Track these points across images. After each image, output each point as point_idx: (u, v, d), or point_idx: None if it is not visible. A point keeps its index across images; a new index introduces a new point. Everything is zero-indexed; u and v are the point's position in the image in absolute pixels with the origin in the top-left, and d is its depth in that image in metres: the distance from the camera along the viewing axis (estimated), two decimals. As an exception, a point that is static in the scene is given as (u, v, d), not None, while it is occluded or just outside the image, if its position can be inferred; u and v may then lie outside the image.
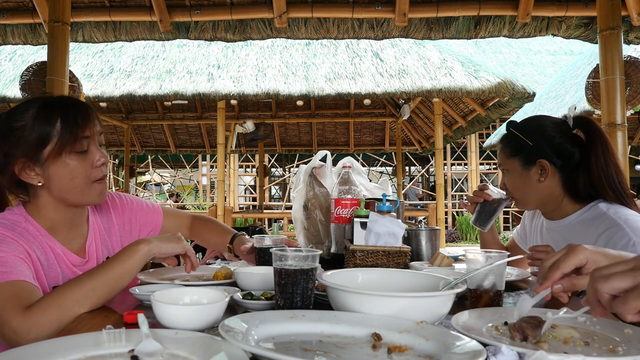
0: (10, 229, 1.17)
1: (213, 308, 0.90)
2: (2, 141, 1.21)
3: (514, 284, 1.43)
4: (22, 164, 1.20)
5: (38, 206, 1.25)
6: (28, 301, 1.02)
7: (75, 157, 1.22)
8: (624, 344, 0.82)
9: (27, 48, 7.14)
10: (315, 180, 1.92)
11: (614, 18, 2.95)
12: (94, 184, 1.26)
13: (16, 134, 1.20)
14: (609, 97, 2.92)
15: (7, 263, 1.07)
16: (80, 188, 1.23)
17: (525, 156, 1.59)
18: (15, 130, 1.20)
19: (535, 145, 1.56)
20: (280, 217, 9.02)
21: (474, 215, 1.72)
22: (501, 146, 1.68)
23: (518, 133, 1.60)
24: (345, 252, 1.55)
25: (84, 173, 1.23)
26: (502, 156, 1.67)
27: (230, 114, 8.48)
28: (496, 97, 6.07)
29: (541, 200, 1.61)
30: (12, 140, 1.20)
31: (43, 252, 1.22)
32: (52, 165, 1.20)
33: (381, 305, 0.87)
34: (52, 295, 1.04)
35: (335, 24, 3.47)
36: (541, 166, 1.56)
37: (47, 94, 2.95)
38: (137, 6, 3.46)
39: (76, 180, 1.22)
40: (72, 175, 1.21)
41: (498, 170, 13.66)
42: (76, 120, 1.21)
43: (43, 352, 0.73)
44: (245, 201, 16.18)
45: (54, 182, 1.21)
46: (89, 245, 1.35)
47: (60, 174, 1.21)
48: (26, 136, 1.19)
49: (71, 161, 1.21)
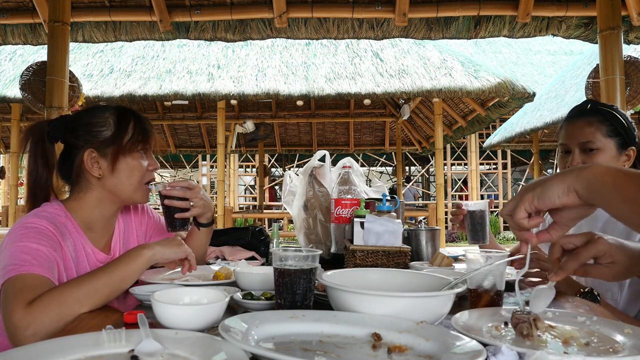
0: (52, 222, 1.25)
1: (213, 308, 0.90)
2: (71, 134, 1.37)
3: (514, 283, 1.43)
4: (90, 154, 1.34)
5: (82, 202, 1.37)
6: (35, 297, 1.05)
7: (138, 157, 1.38)
8: (624, 344, 0.82)
9: (27, 48, 7.14)
10: (315, 180, 1.92)
11: (614, 18, 2.95)
12: (144, 186, 1.41)
13: (90, 128, 1.36)
14: (609, 97, 2.92)
15: (38, 257, 1.14)
16: (134, 186, 1.38)
17: (622, 140, 1.59)
18: (91, 124, 1.36)
19: (630, 132, 1.59)
20: (280, 217, 9.03)
21: (468, 233, 1.71)
22: (595, 122, 1.60)
23: (619, 115, 1.60)
24: (345, 252, 1.55)
25: (141, 173, 1.38)
26: (596, 134, 1.58)
27: (230, 114, 8.49)
28: (496, 97, 6.07)
29: None
30: (83, 133, 1.35)
31: (75, 248, 1.31)
32: (117, 161, 1.35)
33: (381, 305, 0.87)
34: (54, 293, 1.06)
35: (335, 24, 3.47)
36: (628, 154, 1.59)
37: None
38: (137, 6, 3.46)
39: (133, 178, 1.37)
40: (131, 173, 1.37)
41: (498, 170, 13.66)
42: (145, 128, 1.41)
43: (43, 352, 0.73)
44: (245, 201, 16.18)
45: (114, 175, 1.35)
46: (114, 243, 1.45)
47: (123, 169, 1.36)
48: (102, 131, 1.35)
49: (133, 160, 1.37)
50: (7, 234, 1.22)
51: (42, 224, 1.23)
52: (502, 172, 13.68)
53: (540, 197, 0.85)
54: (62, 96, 3.09)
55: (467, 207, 1.67)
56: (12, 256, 1.13)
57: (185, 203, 1.42)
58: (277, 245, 1.92)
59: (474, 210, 1.66)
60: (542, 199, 0.84)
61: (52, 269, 1.16)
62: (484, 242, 1.70)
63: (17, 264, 1.11)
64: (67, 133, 1.38)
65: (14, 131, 7.69)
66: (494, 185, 14.22)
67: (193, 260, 1.31)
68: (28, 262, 1.12)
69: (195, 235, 1.59)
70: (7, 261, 1.12)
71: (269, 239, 2.05)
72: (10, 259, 1.12)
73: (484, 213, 1.66)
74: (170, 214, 1.43)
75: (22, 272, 1.10)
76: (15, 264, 1.11)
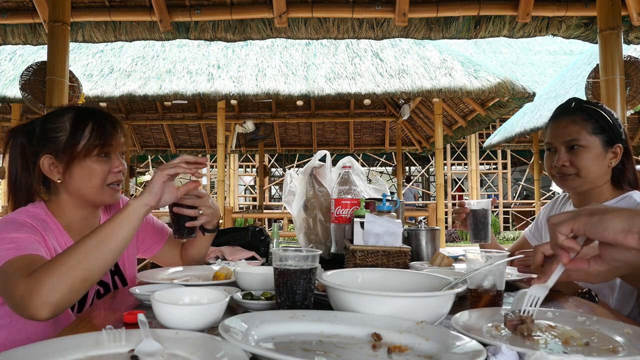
0: (33, 218, 1.28)
1: (213, 308, 0.90)
2: (35, 141, 1.37)
3: (514, 284, 1.43)
4: (47, 160, 1.34)
5: (57, 204, 1.38)
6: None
7: (97, 161, 1.36)
8: (624, 344, 0.82)
9: (27, 48, 7.14)
10: (315, 180, 1.92)
11: (614, 18, 2.95)
12: (107, 187, 1.39)
13: (48, 134, 1.36)
14: (609, 97, 2.92)
15: (20, 242, 1.15)
16: (95, 189, 1.37)
17: (607, 137, 1.59)
18: (49, 130, 1.36)
19: (616, 129, 1.59)
20: (280, 217, 9.03)
21: (470, 232, 1.71)
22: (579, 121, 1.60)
23: (604, 112, 1.60)
24: (345, 252, 1.55)
25: (101, 176, 1.37)
26: (581, 132, 1.59)
27: (230, 114, 8.48)
28: (496, 97, 6.07)
29: (596, 183, 1.62)
30: (43, 139, 1.36)
31: (59, 246, 1.33)
32: (75, 166, 1.34)
33: (381, 305, 0.87)
34: (48, 263, 1.06)
35: (335, 24, 3.47)
36: (615, 151, 1.59)
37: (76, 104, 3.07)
38: (137, 6, 3.46)
39: (92, 181, 1.36)
40: (90, 177, 1.35)
41: (498, 170, 13.66)
42: (105, 130, 1.37)
43: (43, 352, 0.73)
44: (245, 201, 16.18)
45: (73, 180, 1.35)
46: None
47: (80, 174, 1.35)
48: (58, 137, 1.35)
49: (92, 164, 1.35)
50: None
51: (21, 217, 1.25)
52: (502, 172, 13.69)
53: (595, 225, 0.78)
54: (62, 96, 3.09)
55: (470, 206, 1.67)
56: None
57: (195, 211, 1.41)
58: (277, 245, 1.92)
59: (477, 209, 1.66)
60: (595, 227, 0.78)
61: (39, 250, 1.17)
62: (486, 240, 1.70)
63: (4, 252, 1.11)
64: (28, 138, 1.37)
65: (14, 131, 7.68)
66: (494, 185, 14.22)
67: (189, 158, 1.25)
68: (14, 249, 1.12)
69: (198, 239, 1.58)
70: None
71: (269, 239, 2.05)
72: None
73: (486, 212, 1.67)
74: (179, 222, 1.41)
75: (11, 257, 1.10)
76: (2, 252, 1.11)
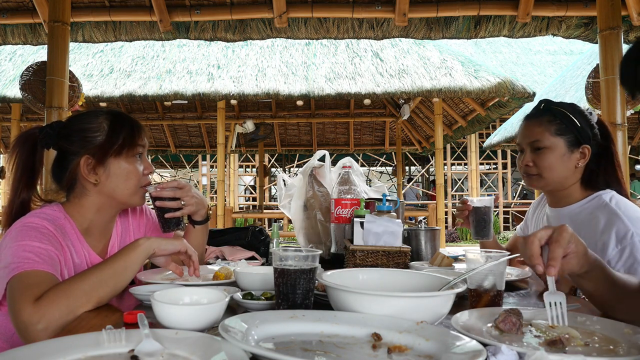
0: (52, 222, 1.27)
1: (213, 308, 0.90)
2: (63, 141, 1.36)
3: (514, 284, 1.43)
4: (86, 161, 1.34)
5: (80, 207, 1.37)
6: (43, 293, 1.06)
7: (133, 162, 1.38)
8: (624, 344, 0.82)
9: (27, 48, 7.14)
10: (315, 180, 1.92)
11: (614, 18, 2.95)
12: (141, 189, 1.41)
13: (84, 134, 1.35)
14: (609, 97, 2.92)
15: (39, 254, 1.15)
16: (131, 190, 1.38)
17: (573, 138, 1.58)
18: (85, 130, 1.36)
19: (583, 130, 1.58)
20: (280, 217, 9.02)
21: (472, 229, 1.71)
22: (544, 122, 1.61)
23: (569, 114, 1.59)
24: (345, 252, 1.55)
25: (137, 177, 1.39)
26: (544, 133, 1.59)
27: (230, 114, 8.48)
28: (496, 97, 6.07)
29: (563, 183, 1.62)
30: (77, 139, 1.35)
31: (75, 250, 1.32)
32: (113, 166, 1.35)
33: (381, 305, 0.87)
34: (61, 287, 1.07)
35: (335, 24, 3.47)
36: (582, 151, 1.58)
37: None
38: (137, 6, 3.46)
39: (130, 182, 1.38)
40: (128, 177, 1.37)
41: (498, 170, 13.66)
42: (138, 130, 1.41)
43: (43, 352, 0.73)
44: (245, 201, 16.18)
45: (110, 180, 1.35)
46: (112, 247, 1.46)
47: (119, 174, 1.36)
48: (96, 137, 1.35)
49: (129, 165, 1.37)
50: (6, 233, 1.22)
51: (42, 224, 1.24)
52: (502, 172, 13.68)
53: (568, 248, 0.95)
54: (62, 96, 3.09)
55: (473, 203, 1.67)
56: (15, 254, 1.14)
57: (177, 203, 1.43)
58: (277, 245, 1.92)
59: (480, 207, 1.66)
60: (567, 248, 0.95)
61: (55, 266, 1.18)
62: (488, 238, 1.71)
63: (20, 262, 1.12)
64: (61, 139, 1.37)
65: (14, 131, 7.69)
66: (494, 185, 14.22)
67: (195, 256, 1.29)
68: (31, 260, 1.13)
69: (191, 234, 1.59)
70: (10, 259, 1.13)
71: (269, 239, 2.05)
72: (13, 257, 1.13)
73: (489, 209, 1.67)
74: (163, 215, 1.43)
75: (27, 269, 1.11)
76: (19, 262, 1.12)
